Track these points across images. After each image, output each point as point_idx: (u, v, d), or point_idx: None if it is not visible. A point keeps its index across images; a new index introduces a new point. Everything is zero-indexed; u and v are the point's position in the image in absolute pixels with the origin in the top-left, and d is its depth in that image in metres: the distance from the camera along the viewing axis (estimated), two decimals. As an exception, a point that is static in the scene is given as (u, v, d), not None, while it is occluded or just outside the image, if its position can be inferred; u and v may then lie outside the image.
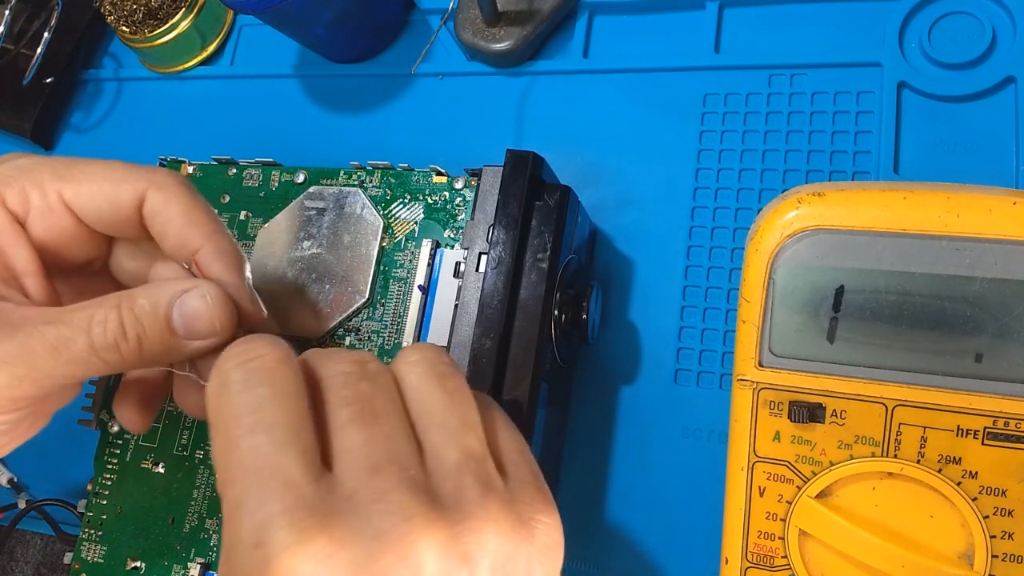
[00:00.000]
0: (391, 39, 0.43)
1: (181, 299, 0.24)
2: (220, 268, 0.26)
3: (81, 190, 0.26)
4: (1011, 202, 0.24)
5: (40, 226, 0.26)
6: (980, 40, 0.33)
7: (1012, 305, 0.24)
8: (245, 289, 0.27)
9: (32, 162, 0.26)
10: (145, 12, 0.45)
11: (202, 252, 0.26)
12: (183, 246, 0.26)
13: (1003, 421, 0.25)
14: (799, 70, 0.36)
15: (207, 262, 0.26)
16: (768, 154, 0.35)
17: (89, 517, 0.34)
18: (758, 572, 0.28)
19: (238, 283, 0.26)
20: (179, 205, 0.26)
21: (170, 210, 0.26)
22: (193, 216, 0.27)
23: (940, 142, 0.33)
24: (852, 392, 0.26)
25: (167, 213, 0.26)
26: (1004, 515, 0.25)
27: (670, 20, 0.39)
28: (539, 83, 0.40)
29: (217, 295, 0.25)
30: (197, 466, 0.34)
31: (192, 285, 0.25)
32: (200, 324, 0.25)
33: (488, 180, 0.31)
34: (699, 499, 0.32)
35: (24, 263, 0.26)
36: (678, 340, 0.34)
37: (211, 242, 0.26)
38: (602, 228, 0.37)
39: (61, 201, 0.26)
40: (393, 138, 0.42)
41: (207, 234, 0.26)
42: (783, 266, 0.26)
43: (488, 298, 0.29)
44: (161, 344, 0.25)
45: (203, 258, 0.26)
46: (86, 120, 0.49)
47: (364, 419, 0.21)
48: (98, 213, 0.26)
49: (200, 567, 0.32)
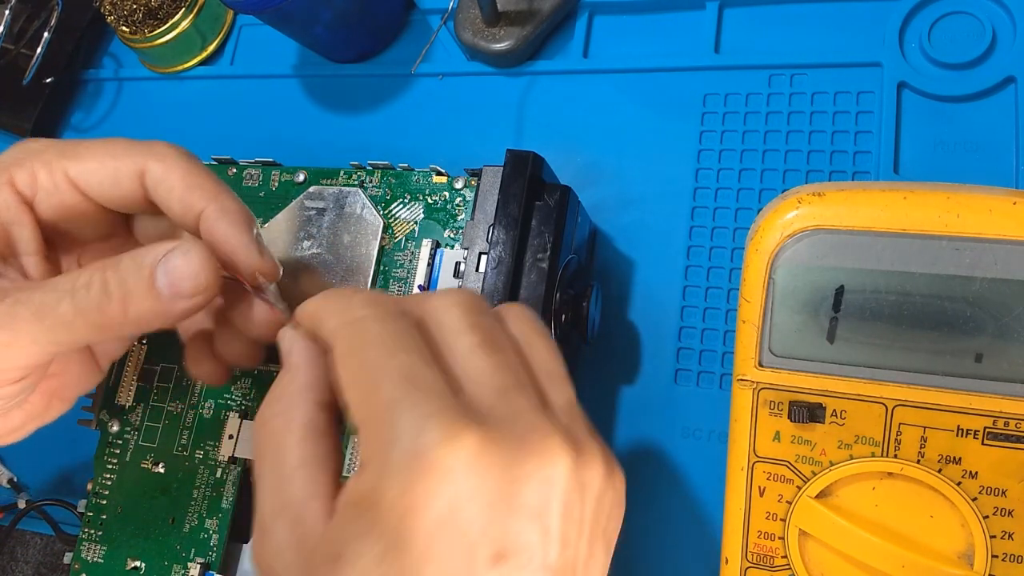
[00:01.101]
0: (391, 39, 0.43)
1: (165, 258, 0.24)
2: (225, 226, 0.26)
3: (83, 167, 0.27)
4: (1011, 202, 0.24)
5: (47, 204, 0.27)
6: (980, 40, 0.33)
7: (1012, 305, 0.24)
8: (253, 244, 0.27)
9: (42, 144, 0.27)
10: (145, 12, 0.45)
11: (206, 213, 0.26)
12: (187, 211, 0.27)
13: (1003, 421, 0.25)
14: (799, 70, 0.36)
15: (212, 222, 0.26)
16: (768, 154, 0.35)
17: (89, 517, 0.34)
18: (758, 572, 0.28)
19: (245, 240, 0.27)
20: (178, 171, 0.27)
21: (171, 178, 0.27)
22: (193, 180, 0.27)
23: (940, 142, 0.33)
24: (852, 392, 0.26)
25: (168, 182, 0.27)
26: (1004, 515, 0.25)
27: (670, 20, 0.39)
28: (539, 83, 0.40)
29: (200, 252, 0.25)
30: (197, 466, 0.34)
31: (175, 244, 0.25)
32: (184, 283, 0.24)
33: (488, 180, 0.31)
34: (699, 499, 0.32)
35: (26, 242, 0.27)
36: (678, 340, 0.34)
37: (214, 203, 0.27)
38: (602, 228, 0.37)
39: (67, 179, 0.27)
40: (393, 138, 0.42)
41: (209, 196, 0.27)
42: (783, 266, 0.26)
43: (488, 298, 0.29)
44: (147, 304, 0.24)
45: (208, 219, 0.27)
46: (86, 120, 0.49)
47: (488, 347, 0.22)
48: (101, 189, 0.27)
49: (200, 567, 0.32)
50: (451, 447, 0.19)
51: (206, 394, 0.35)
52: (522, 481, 0.20)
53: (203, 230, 0.27)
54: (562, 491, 0.20)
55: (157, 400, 0.35)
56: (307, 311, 0.24)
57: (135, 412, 0.35)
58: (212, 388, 0.35)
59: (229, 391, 0.34)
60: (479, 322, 0.23)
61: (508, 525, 0.19)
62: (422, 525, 0.19)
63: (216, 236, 0.26)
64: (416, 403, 0.20)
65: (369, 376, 0.21)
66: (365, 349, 0.21)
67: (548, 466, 0.20)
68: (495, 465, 0.19)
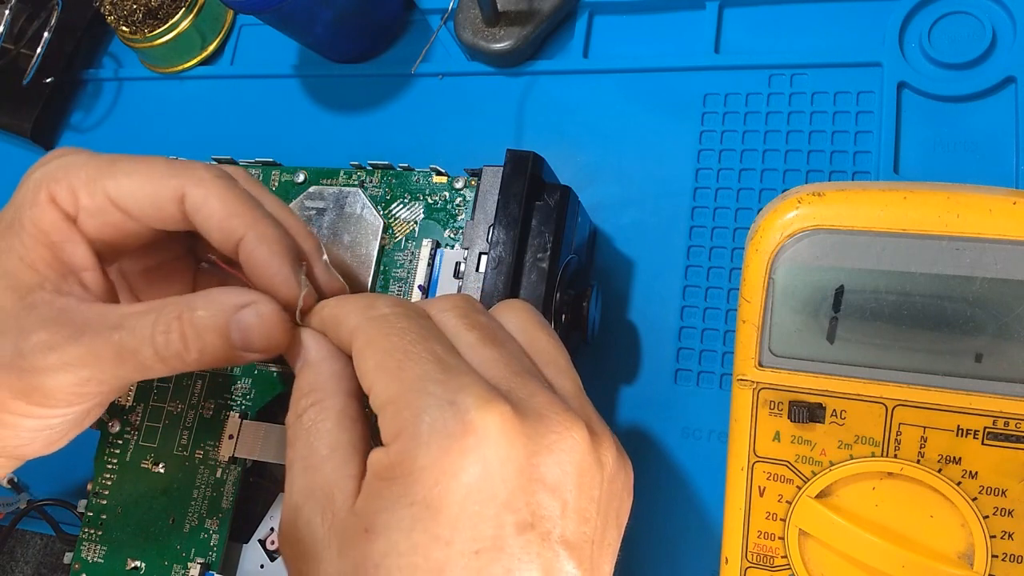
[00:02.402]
0: (391, 39, 0.43)
1: (237, 316, 0.25)
2: (263, 255, 0.27)
3: (123, 189, 0.27)
4: (1011, 202, 0.24)
5: (91, 224, 0.27)
6: (980, 40, 0.33)
7: (1012, 305, 0.24)
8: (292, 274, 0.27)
9: (77, 159, 0.27)
10: (145, 12, 0.45)
11: (245, 240, 0.27)
12: (227, 238, 0.27)
13: (1003, 421, 0.25)
14: (799, 70, 0.36)
15: (250, 250, 0.27)
16: (768, 154, 0.35)
17: (89, 517, 0.34)
18: (758, 572, 0.28)
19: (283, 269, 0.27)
20: (217, 199, 0.27)
21: (210, 205, 0.27)
22: (233, 208, 0.27)
23: (940, 142, 0.33)
24: (852, 392, 0.26)
25: (207, 208, 0.27)
26: (1004, 515, 0.25)
27: (670, 20, 0.39)
28: (539, 83, 0.40)
29: (270, 312, 0.26)
30: (197, 466, 0.34)
31: (249, 300, 0.26)
32: (256, 339, 0.25)
33: (488, 180, 0.31)
34: (699, 499, 0.32)
35: (81, 258, 0.27)
36: (678, 340, 0.34)
37: (253, 231, 0.27)
38: (602, 228, 0.37)
39: (108, 199, 0.27)
40: (393, 138, 0.42)
41: (248, 223, 0.27)
42: (783, 266, 0.26)
43: (488, 298, 0.29)
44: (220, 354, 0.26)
45: (246, 246, 0.27)
46: (86, 120, 0.49)
47: (490, 340, 0.23)
48: (142, 211, 0.27)
49: (200, 567, 0.32)
50: (487, 411, 0.20)
51: (206, 394, 0.35)
52: (543, 454, 0.20)
53: (242, 257, 0.27)
54: (579, 466, 0.21)
55: (157, 400, 0.35)
56: (327, 311, 0.25)
57: (135, 412, 0.35)
58: (212, 388, 0.35)
59: (229, 391, 0.34)
60: (477, 320, 0.24)
61: (532, 495, 0.20)
62: (456, 489, 0.19)
63: (254, 264, 0.27)
64: (449, 376, 0.21)
65: (398, 358, 0.21)
66: (393, 336, 0.22)
67: (567, 440, 0.21)
68: (522, 434, 0.20)
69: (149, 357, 0.25)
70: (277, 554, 0.33)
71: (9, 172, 0.49)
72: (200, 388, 0.35)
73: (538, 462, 0.20)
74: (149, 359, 0.25)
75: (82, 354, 0.25)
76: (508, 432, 0.20)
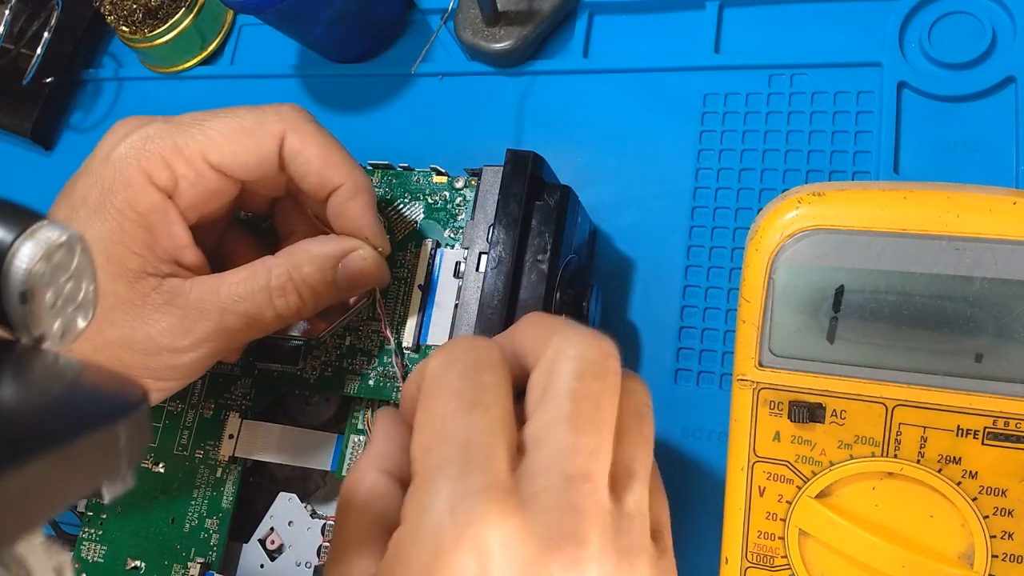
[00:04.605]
0: (391, 39, 0.43)
1: (345, 262, 0.28)
2: (358, 205, 0.28)
3: (224, 151, 0.27)
4: (1011, 202, 0.24)
5: (190, 194, 0.27)
6: (980, 40, 0.33)
7: (1012, 305, 0.24)
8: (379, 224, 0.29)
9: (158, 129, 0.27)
10: (145, 12, 0.45)
11: (341, 190, 0.28)
12: (322, 186, 0.28)
13: (1003, 421, 0.25)
14: (799, 70, 0.36)
15: (345, 199, 0.28)
16: (768, 154, 0.35)
17: (89, 517, 0.34)
18: (758, 572, 0.28)
19: (374, 221, 0.29)
20: (316, 147, 0.28)
21: (308, 152, 0.28)
22: (330, 157, 0.28)
23: (940, 142, 0.33)
24: (852, 392, 0.26)
25: (305, 155, 0.28)
26: (1004, 515, 0.25)
27: (670, 20, 0.39)
28: (539, 83, 0.40)
29: (373, 255, 0.28)
30: (197, 466, 0.34)
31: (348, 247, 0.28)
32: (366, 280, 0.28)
33: (488, 180, 0.31)
34: (699, 499, 0.32)
35: (179, 237, 0.27)
36: (678, 340, 0.34)
37: (349, 180, 0.28)
38: (602, 228, 0.37)
39: (207, 165, 0.27)
40: (393, 138, 0.42)
41: (344, 173, 0.28)
42: (783, 266, 0.26)
43: (488, 298, 0.29)
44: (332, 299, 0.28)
45: (341, 195, 0.28)
46: (86, 120, 0.49)
47: (578, 424, 0.20)
48: (245, 169, 0.28)
49: (200, 567, 0.32)
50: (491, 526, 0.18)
51: (206, 394, 0.35)
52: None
53: (333, 203, 0.28)
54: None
55: (157, 400, 0.35)
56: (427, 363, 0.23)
57: (135, 412, 0.35)
58: (212, 388, 0.35)
59: (229, 391, 0.34)
60: (587, 389, 0.21)
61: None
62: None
63: (347, 213, 0.28)
64: (466, 473, 0.19)
65: (431, 433, 0.20)
66: (439, 402, 0.20)
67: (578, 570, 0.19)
68: (526, 553, 0.18)
69: (272, 320, 0.27)
70: (277, 554, 0.33)
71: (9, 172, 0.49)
72: (200, 388, 0.35)
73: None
74: (272, 322, 0.27)
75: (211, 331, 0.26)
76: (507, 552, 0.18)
